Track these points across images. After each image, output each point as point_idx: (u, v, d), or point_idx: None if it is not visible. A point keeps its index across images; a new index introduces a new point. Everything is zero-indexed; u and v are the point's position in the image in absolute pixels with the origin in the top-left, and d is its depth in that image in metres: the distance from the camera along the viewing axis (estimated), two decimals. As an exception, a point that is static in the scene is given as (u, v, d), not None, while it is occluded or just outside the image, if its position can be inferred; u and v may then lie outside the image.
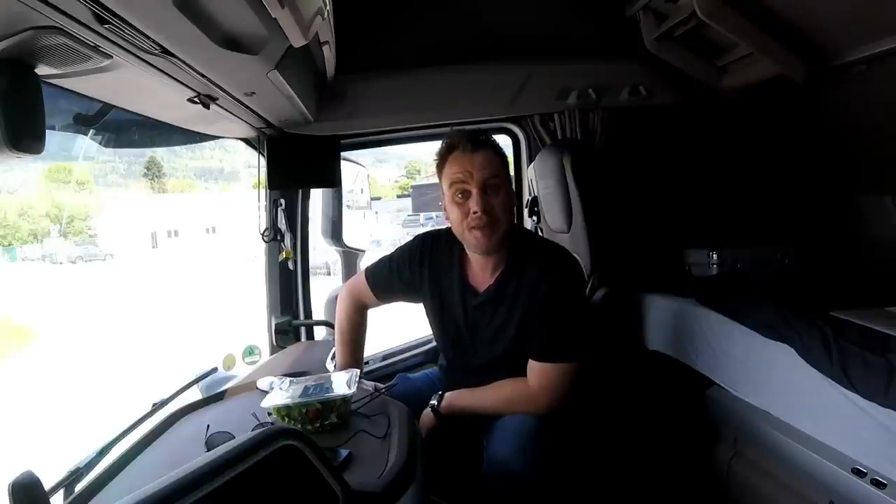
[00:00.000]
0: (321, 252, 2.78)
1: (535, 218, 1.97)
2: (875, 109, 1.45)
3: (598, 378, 1.42)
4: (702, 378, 1.38)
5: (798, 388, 1.07)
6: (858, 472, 0.94)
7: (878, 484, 0.91)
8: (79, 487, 0.90)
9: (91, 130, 1.38)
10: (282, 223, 1.80)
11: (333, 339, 1.76)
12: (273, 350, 1.78)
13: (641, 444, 1.51)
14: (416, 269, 1.31)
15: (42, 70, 0.78)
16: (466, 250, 1.25)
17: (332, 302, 1.89)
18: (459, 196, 1.16)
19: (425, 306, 1.35)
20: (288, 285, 1.85)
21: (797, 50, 1.38)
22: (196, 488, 0.59)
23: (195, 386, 1.39)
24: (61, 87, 0.92)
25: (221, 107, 1.25)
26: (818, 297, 1.26)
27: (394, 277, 1.34)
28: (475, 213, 1.14)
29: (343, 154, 1.81)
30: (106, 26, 0.71)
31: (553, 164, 1.66)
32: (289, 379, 1.18)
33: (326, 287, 2.00)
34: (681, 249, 1.72)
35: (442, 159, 1.20)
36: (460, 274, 1.27)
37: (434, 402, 1.27)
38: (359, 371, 1.18)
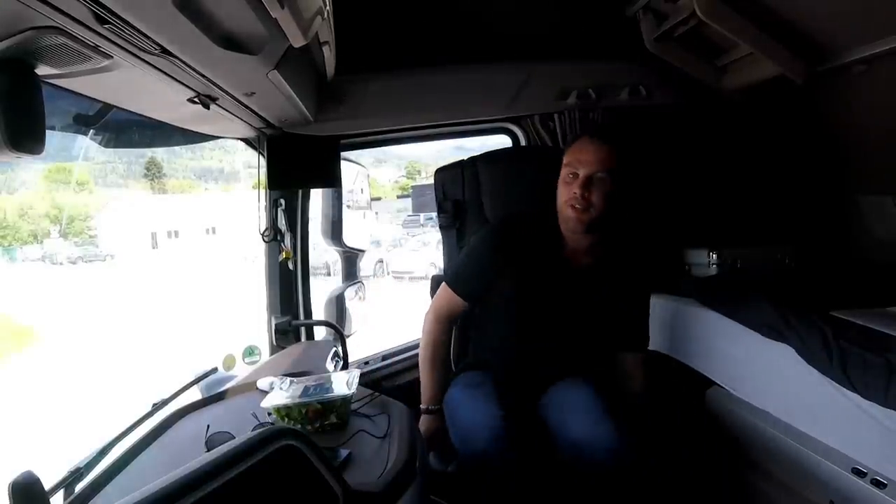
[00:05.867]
0: (321, 252, 2.78)
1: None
2: (875, 109, 1.45)
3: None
4: (702, 378, 1.38)
5: (798, 388, 1.07)
6: (858, 472, 0.95)
7: (878, 484, 0.91)
8: (79, 487, 0.90)
9: (91, 130, 1.38)
10: (282, 223, 1.80)
11: (334, 339, 1.77)
12: (273, 350, 1.78)
13: (641, 444, 1.51)
14: (502, 252, 1.36)
15: (42, 70, 0.78)
16: (563, 231, 1.33)
17: (332, 302, 1.89)
18: (570, 177, 1.28)
19: (503, 285, 1.37)
20: (288, 285, 1.84)
21: (797, 50, 1.38)
22: (196, 488, 0.59)
23: (195, 386, 1.39)
24: (61, 87, 0.92)
25: (221, 107, 1.25)
26: (818, 297, 1.26)
27: (480, 272, 1.38)
28: (574, 193, 1.26)
29: (343, 154, 1.81)
30: (106, 26, 0.71)
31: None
32: (289, 379, 1.18)
33: (326, 287, 2.00)
34: (681, 249, 1.72)
35: (572, 141, 1.34)
36: (557, 250, 1.35)
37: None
38: (359, 373, 1.18)
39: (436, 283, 1.65)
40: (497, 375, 1.37)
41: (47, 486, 0.75)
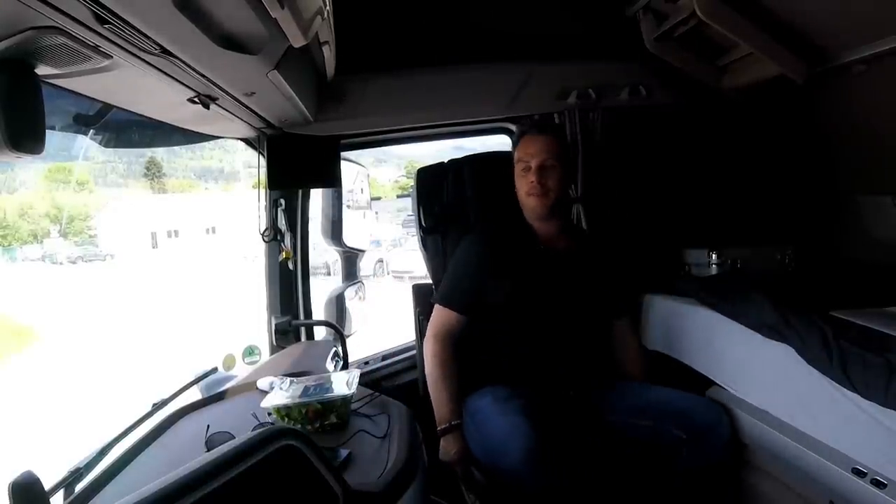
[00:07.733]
0: (321, 252, 2.77)
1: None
2: (875, 109, 1.45)
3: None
4: (702, 378, 1.38)
5: (798, 388, 1.07)
6: (858, 472, 0.95)
7: (878, 484, 0.91)
8: (79, 487, 0.90)
9: (91, 130, 1.38)
10: (282, 223, 1.80)
11: (334, 339, 1.77)
12: (273, 350, 1.78)
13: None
14: (490, 258, 1.41)
15: (42, 70, 0.78)
16: (528, 220, 1.45)
17: (332, 302, 1.89)
18: (523, 171, 1.42)
19: (495, 287, 1.39)
20: (288, 285, 1.84)
21: (797, 50, 1.38)
22: (196, 488, 0.59)
23: (195, 386, 1.39)
24: (61, 87, 0.92)
25: (221, 107, 1.25)
26: (818, 297, 1.26)
27: (474, 281, 1.40)
28: (532, 182, 1.39)
29: (343, 154, 1.81)
30: (106, 26, 0.71)
31: None
32: (289, 379, 1.18)
33: (326, 287, 2.00)
34: (680, 249, 1.72)
35: (516, 142, 1.49)
36: (535, 244, 1.44)
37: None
38: (359, 373, 1.17)
39: (418, 292, 1.64)
40: (523, 385, 1.32)
41: (47, 486, 0.75)
